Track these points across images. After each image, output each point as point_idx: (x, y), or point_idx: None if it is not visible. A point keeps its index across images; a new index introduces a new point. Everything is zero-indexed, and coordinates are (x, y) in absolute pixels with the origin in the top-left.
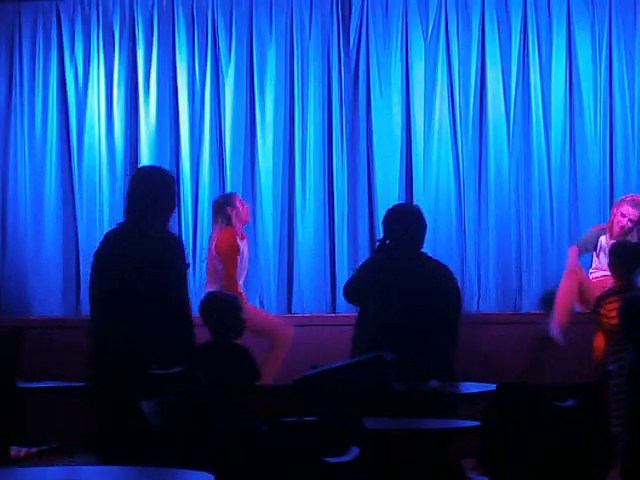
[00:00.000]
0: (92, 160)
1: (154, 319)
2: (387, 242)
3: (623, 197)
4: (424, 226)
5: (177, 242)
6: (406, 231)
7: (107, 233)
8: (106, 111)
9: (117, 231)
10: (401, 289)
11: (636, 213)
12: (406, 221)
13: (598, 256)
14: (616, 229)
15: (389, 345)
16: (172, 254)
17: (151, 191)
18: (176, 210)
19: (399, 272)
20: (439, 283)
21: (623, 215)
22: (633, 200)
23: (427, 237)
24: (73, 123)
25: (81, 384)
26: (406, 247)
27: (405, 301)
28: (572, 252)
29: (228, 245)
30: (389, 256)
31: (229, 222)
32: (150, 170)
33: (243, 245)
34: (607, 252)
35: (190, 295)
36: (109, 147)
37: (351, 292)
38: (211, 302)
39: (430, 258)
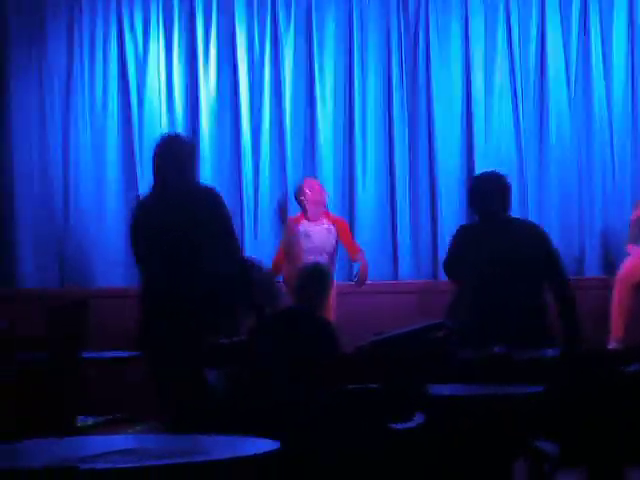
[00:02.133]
0: (152, 130)
1: (209, 274)
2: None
3: None
4: (504, 190)
5: (214, 191)
6: (485, 198)
7: (138, 201)
8: (166, 81)
9: (148, 196)
10: (488, 255)
11: None
12: (484, 189)
13: None
14: None
15: (487, 312)
16: (214, 200)
17: (176, 154)
18: (237, 177)
19: (485, 238)
20: (527, 243)
21: None
22: None
23: None
24: (133, 94)
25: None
26: (488, 213)
27: (495, 266)
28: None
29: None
30: (474, 224)
31: (304, 209)
32: (170, 136)
33: (308, 227)
34: None
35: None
36: (169, 116)
37: (449, 265)
38: (312, 271)
39: (516, 219)
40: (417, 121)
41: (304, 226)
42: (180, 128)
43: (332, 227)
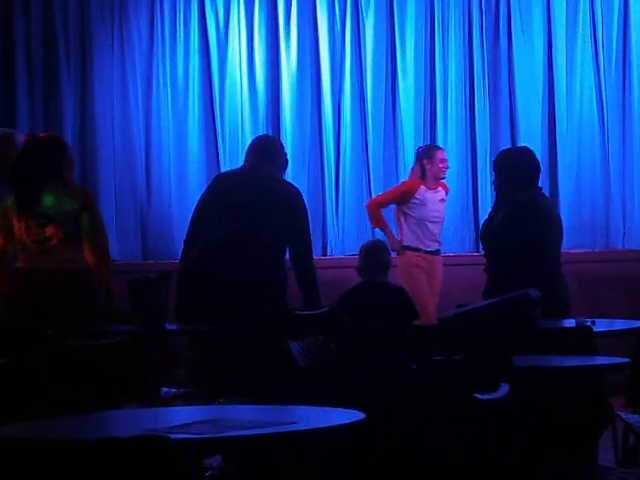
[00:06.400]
0: (234, 104)
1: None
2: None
3: None
4: (524, 167)
5: (297, 189)
6: (510, 174)
7: (216, 175)
8: (247, 55)
9: (229, 173)
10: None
11: None
12: (507, 165)
13: None
14: None
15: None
16: (295, 197)
17: (266, 152)
18: (319, 151)
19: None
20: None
21: None
22: None
23: (570, 171)
24: (214, 67)
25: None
26: (511, 188)
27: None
28: None
29: (401, 192)
30: (501, 198)
31: (423, 175)
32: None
33: (426, 194)
34: None
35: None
36: (250, 90)
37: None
38: (376, 245)
39: (527, 200)
40: (499, 94)
41: (421, 193)
42: (261, 102)
43: (444, 196)
